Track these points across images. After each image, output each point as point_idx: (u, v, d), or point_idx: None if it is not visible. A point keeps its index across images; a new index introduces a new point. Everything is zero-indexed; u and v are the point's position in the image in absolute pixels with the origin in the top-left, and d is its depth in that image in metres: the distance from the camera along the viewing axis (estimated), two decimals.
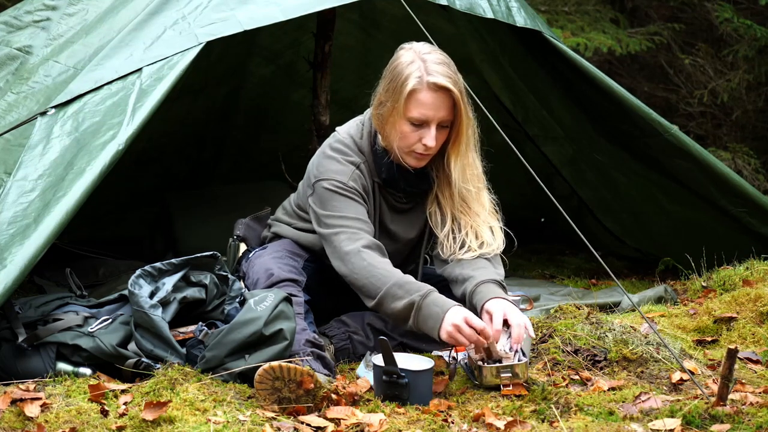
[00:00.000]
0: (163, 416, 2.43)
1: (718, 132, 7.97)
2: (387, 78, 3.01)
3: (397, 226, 3.20)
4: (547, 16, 6.95)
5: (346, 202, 3.03)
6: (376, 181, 3.14)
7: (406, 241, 3.23)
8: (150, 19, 3.40)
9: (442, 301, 2.81)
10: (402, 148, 3.02)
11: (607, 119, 4.29)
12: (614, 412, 2.60)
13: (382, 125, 3.03)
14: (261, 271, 3.08)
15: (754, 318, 3.32)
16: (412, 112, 2.94)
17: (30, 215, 2.88)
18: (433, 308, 2.79)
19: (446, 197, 3.12)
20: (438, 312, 2.78)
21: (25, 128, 3.22)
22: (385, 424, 2.50)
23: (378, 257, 2.94)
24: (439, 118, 2.96)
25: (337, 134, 3.18)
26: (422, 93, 2.93)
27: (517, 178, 4.74)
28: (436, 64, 2.94)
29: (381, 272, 2.89)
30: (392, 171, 3.10)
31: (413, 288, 2.85)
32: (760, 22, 6.91)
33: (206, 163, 5.27)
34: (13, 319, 2.84)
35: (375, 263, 2.91)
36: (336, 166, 3.06)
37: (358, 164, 3.09)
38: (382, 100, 3.01)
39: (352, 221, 3.00)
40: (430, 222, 3.17)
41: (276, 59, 5.03)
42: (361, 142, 3.12)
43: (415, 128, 2.97)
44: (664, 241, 4.65)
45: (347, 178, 3.05)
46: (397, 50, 3.05)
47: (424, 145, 2.98)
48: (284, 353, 2.69)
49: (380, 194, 3.16)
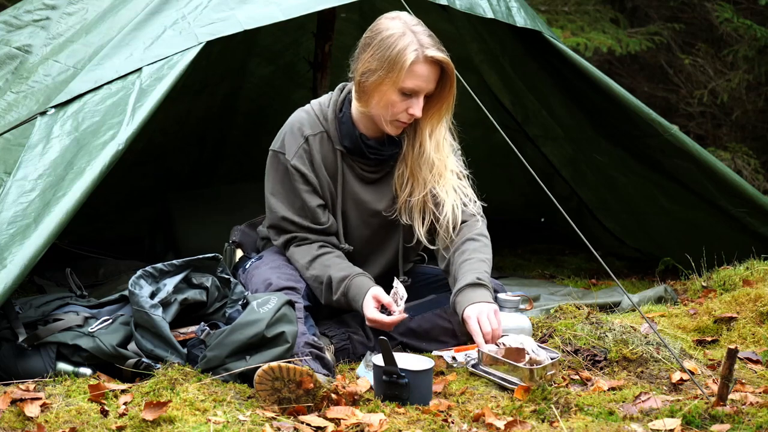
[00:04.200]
0: (163, 416, 2.43)
1: (718, 132, 7.98)
2: (375, 47, 3.01)
3: (366, 197, 3.21)
4: (547, 16, 6.95)
5: (291, 184, 3.13)
6: (338, 149, 3.16)
7: (373, 211, 3.22)
8: (150, 19, 3.40)
9: (363, 282, 3.02)
10: (386, 116, 3.04)
11: (607, 119, 4.29)
12: (614, 412, 2.60)
13: (367, 93, 3.05)
14: (260, 282, 3.10)
15: (754, 318, 3.32)
16: (407, 83, 2.98)
17: (30, 215, 2.88)
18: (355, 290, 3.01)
19: (416, 163, 3.14)
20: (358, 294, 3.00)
21: (24, 128, 3.22)
22: (385, 424, 2.50)
23: (315, 254, 3.11)
24: (429, 89, 3.02)
25: (308, 104, 3.23)
26: (418, 65, 2.97)
27: (517, 178, 4.76)
28: (427, 37, 3.01)
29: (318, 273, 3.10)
30: (355, 139, 3.13)
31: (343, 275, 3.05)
32: (760, 22, 6.91)
33: (206, 163, 5.27)
34: (14, 319, 2.84)
35: (318, 273, 3.09)
36: (288, 138, 3.15)
37: (309, 136, 3.13)
38: (370, 68, 3.01)
39: (289, 224, 3.15)
40: (395, 185, 3.19)
41: (276, 59, 5.03)
42: (326, 110, 3.17)
43: (404, 98, 3.01)
44: (664, 241, 4.65)
45: (292, 155, 3.12)
46: (381, 19, 3.08)
47: (410, 114, 3.02)
48: (285, 356, 2.69)
49: (344, 162, 3.17)
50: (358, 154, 3.16)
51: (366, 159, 3.17)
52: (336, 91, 3.22)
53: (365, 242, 3.24)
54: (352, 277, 3.05)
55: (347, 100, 3.16)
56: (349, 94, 3.16)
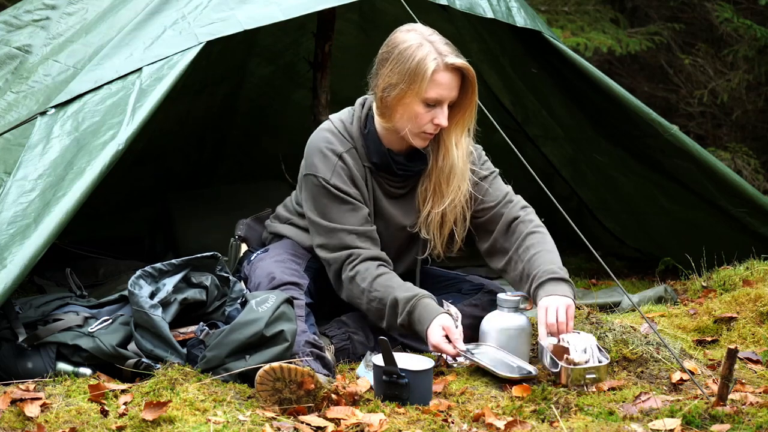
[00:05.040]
0: (163, 416, 2.43)
1: (718, 132, 7.97)
2: (394, 61, 3.00)
3: (393, 212, 3.20)
4: (547, 16, 6.94)
5: (334, 206, 3.08)
6: (367, 166, 3.14)
7: (400, 226, 3.21)
8: (150, 19, 3.39)
9: (432, 307, 2.94)
10: (413, 129, 3.03)
11: (607, 119, 4.29)
12: (614, 412, 2.60)
13: (391, 108, 3.03)
14: (263, 275, 3.09)
15: (754, 318, 3.32)
16: (430, 93, 2.97)
17: (30, 215, 2.88)
18: (423, 312, 2.92)
19: (441, 176, 3.13)
20: (426, 317, 2.91)
21: (24, 128, 3.22)
22: (385, 424, 2.50)
23: (375, 274, 3.02)
24: (452, 97, 3.02)
25: (328, 121, 3.20)
26: (440, 74, 2.96)
27: (518, 178, 4.74)
28: (444, 45, 3.00)
29: (379, 294, 3.00)
30: (383, 154, 3.11)
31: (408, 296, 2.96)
32: (760, 22, 6.90)
33: (206, 163, 5.27)
34: (13, 319, 2.84)
35: (371, 287, 3.01)
36: (320, 159, 3.10)
37: (342, 153, 3.10)
38: (391, 82, 3.00)
39: (344, 235, 3.06)
40: (419, 200, 3.18)
41: (276, 59, 5.03)
42: (351, 128, 3.14)
43: (428, 109, 3.00)
44: (664, 241, 4.65)
45: (330, 173, 3.07)
46: (396, 32, 3.06)
47: (436, 125, 3.01)
48: (285, 354, 2.69)
49: (373, 179, 3.16)
50: (386, 170, 3.15)
51: (393, 175, 3.16)
52: (357, 106, 3.19)
53: (397, 254, 3.23)
54: (419, 298, 2.96)
55: (370, 116, 3.14)
56: (371, 109, 3.14)
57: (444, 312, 2.94)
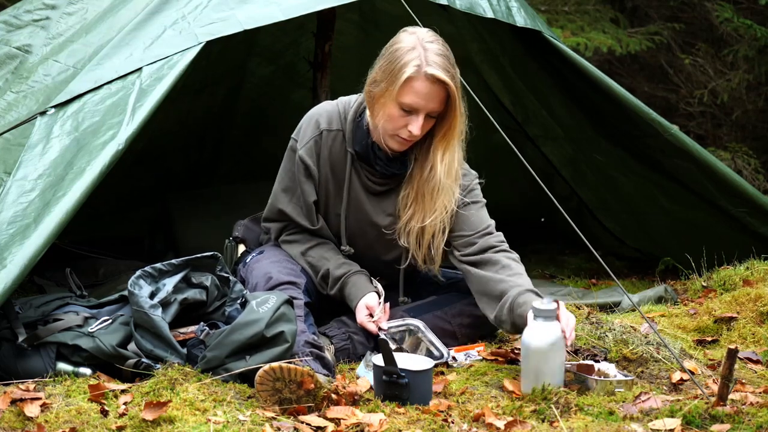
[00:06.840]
0: (163, 416, 2.43)
1: (718, 132, 7.98)
2: (385, 58, 3.00)
3: (368, 206, 3.19)
4: (547, 16, 6.95)
5: (291, 172, 3.18)
6: (349, 151, 3.15)
7: (372, 222, 3.19)
8: (150, 19, 3.39)
9: (360, 285, 3.10)
10: (387, 130, 3.02)
11: (607, 119, 4.29)
12: (614, 412, 2.60)
13: (372, 103, 3.04)
14: (260, 276, 3.10)
15: (755, 318, 3.32)
16: (404, 98, 2.95)
17: (30, 215, 2.88)
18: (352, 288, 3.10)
19: (424, 187, 3.10)
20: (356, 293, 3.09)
21: (24, 128, 3.22)
22: (385, 424, 2.50)
23: (313, 243, 3.20)
24: (429, 109, 2.97)
25: (335, 100, 3.24)
26: (418, 82, 2.93)
27: (517, 178, 4.74)
28: (436, 55, 2.95)
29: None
30: (366, 145, 3.12)
31: None
32: (760, 22, 6.91)
33: (206, 163, 5.27)
34: (13, 319, 2.84)
35: (306, 252, 3.18)
36: (305, 127, 3.18)
37: (325, 130, 3.14)
38: (376, 78, 3.01)
39: (284, 216, 3.22)
40: (399, 205, 3.16)
41: (276, 59, 5.02)
42: (349, 110, 3.16)
43: (404, 114, 2.98)
44: (664, 241, 4.65)
45: (303, 145, 3.15)
46: (400, 32, 3.05)
47: (409, 131, 2.99)
48: (285, 355, 2.69)
49: (353, 167, 3.16)
50: (366, 161, 3.15)
51: (373, 168, 3.16)
52: (359, 95, 3.19)
53: (365, 249, 3.23)
54: (348, 275, 3.11)
55: (365, 108, 3.15)
56: None
57: (372, 290, 3.10)
